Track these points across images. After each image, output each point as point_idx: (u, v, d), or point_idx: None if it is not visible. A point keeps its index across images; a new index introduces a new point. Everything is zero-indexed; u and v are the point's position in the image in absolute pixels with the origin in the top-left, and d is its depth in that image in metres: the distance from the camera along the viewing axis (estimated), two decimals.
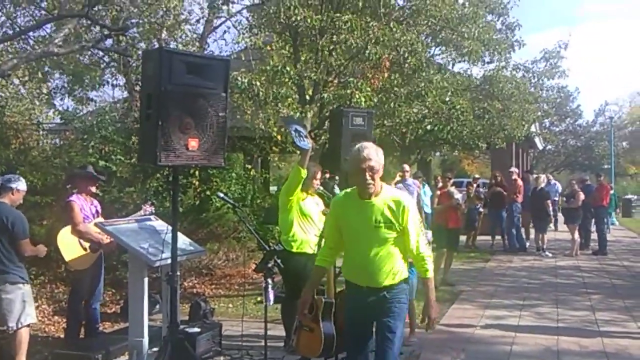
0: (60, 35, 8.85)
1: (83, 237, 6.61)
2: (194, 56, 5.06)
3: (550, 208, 15.00)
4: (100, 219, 6.81)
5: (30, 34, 11.32)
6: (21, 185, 6.00)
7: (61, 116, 11.83)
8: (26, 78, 12.73)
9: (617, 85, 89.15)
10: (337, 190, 6.80)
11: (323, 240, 5.84)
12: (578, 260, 13.99)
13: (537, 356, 6.59)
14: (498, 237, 16.01)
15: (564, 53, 15.65)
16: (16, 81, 12.67)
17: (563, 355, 6.57)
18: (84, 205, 6.75)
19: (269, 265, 5.47)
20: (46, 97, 14.06)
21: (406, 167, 13.49)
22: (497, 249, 15.65)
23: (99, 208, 7.03)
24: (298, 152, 6.39)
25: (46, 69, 13.04)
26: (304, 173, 6.14)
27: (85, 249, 6.63)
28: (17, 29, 11.18)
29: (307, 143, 5.91)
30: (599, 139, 44.32)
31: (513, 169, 16.70)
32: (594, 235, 15.86)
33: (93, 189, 6.97)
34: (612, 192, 20.32)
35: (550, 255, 14.61)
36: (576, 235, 14.86)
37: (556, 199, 18.30)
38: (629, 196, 31.94)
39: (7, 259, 5.74)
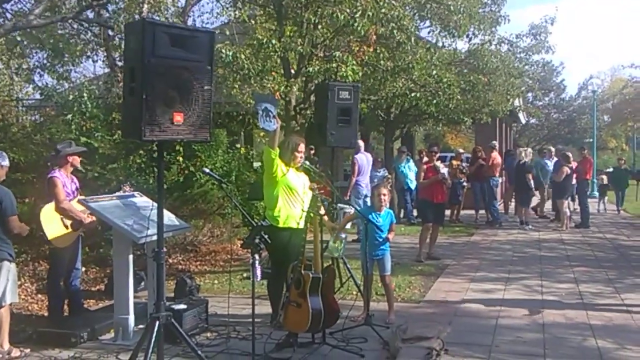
0: (39, 7, 8.64)
1: (66, 214, 6.49)
2: (178, 28, 4.93)
3: (532, 182, 15.01)
4: (81, 196, 6.71)
5: (8, 7, 11.08)
6: (4, 161, 5.88)
7: (41, 92, 11.63)
8: (4, 54, 12.48)
9: (600, 59, 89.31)
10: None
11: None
12: (561, 234, 14.11)
13: (523, 328, 6.63)
14: (482, 211, 16.09)
15: (550, 28, 15.57)
16: None
17: (549, 328, 6.61)
18: (66, 181, 6.63)
19: (256, 240, 5.41)
20: (25, 73, 13.81)
21: (359, 142, 12.61)
22: (481, 223, 15.73)
23: (78, 185, 6.92)
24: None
25: (25, 43, 12.80)
26: (274, 154, 6.10)
27: (67, 227, 6.52)
28: None
29: (273, 124, 5.81)
30: (582, 112, 44.57)
31: (494, 142, 16.76)
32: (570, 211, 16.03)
33: (77, 164, 6.86)
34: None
35: (532, 228, 14.73)
36: (565, 208, 14.94)
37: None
38: (610, 170, 32.20)
39: None
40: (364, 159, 12.59)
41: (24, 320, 6.77)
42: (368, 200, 11.72)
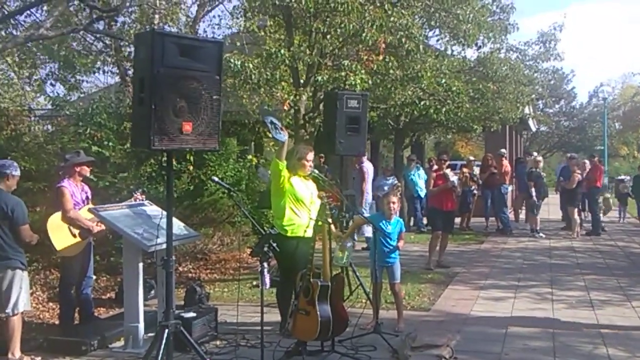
0: (50, 19, 8.73)
1: (73, 223, 6.53)
2: (187, 38, 5.00)
3: (533, 190, 14.90)
4: (90, 205, 6.76)
5: (21, 19, 11.19)
6: (15, 170, 5.94)
7: (52, 102, 11.73)
8: (16, 65, 12.60)
9: (611, 66, 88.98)
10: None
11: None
12: (572, 241, 14.04)
13: (532, 337, 6.61)
14: (492, 219, 16.04)
15: (559, 35, 15.56)
16: (6, 67, 12.55)
17: (558, 336, 6.58)
18: (74, 190, 6.67)
19: (265, 249, 5.44)
20: (37, 83, 13.93)
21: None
22: (491, 230, 15.68)
23: (89, 194, 6.96)
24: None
25: (37, 54, 12.91)
26: (281, 165, 6.14)
27: (75, 236, 6.56)
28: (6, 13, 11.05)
29: (283, 135, 5.92)
30: (593, 120, 44.39)
31: (502, 150, 16.73)
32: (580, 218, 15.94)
33: (86, 173, 6.92)
34: None
35: (544, 236, 14.67)
36: (576, 215, 14.88)
37: None
38: (622, 177, 31.96)
39: (8, 245, 5.70)
40: (370, 167, 12.73)
41: (35, 328, 6.81)
42: (367, 209, 11.81)
